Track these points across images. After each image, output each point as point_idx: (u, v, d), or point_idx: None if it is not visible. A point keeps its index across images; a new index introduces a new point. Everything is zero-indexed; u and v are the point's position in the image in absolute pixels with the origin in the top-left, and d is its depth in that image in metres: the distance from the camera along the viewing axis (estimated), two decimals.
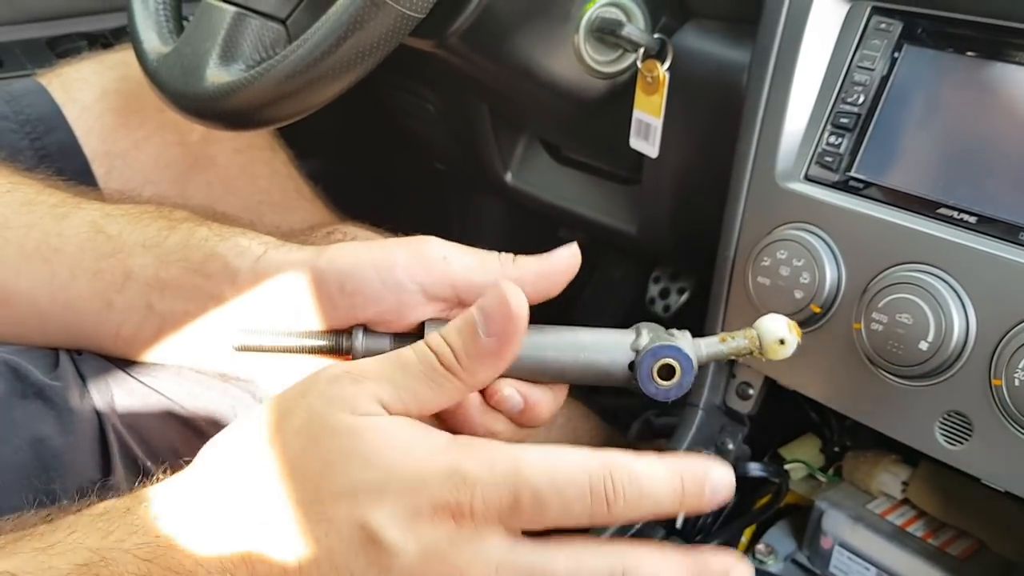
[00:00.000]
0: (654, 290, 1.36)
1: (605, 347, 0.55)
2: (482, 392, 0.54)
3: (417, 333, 0.58)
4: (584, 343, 0.55)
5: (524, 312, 0.47)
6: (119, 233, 0.65)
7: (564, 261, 0.57)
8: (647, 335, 0.56)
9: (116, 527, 0.46)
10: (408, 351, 0.48)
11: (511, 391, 0.54)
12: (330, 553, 0.44)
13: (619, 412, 1.16)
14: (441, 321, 0.56)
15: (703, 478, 0.46)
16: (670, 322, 1.32)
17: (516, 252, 0.58)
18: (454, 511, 0.43)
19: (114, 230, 0.65)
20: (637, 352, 0.55)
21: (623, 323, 0.57)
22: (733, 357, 0.57)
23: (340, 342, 0.57)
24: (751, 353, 0.57)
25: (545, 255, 0.57)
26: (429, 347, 0.48)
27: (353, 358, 0.57)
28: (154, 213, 0.67)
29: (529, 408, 0.54)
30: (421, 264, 0.55)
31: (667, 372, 0.54)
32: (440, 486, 0.43)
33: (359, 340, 0.57)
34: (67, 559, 0.44)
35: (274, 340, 0.56)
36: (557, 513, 0.44)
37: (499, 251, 0.59)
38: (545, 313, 0.56)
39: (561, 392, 0.57)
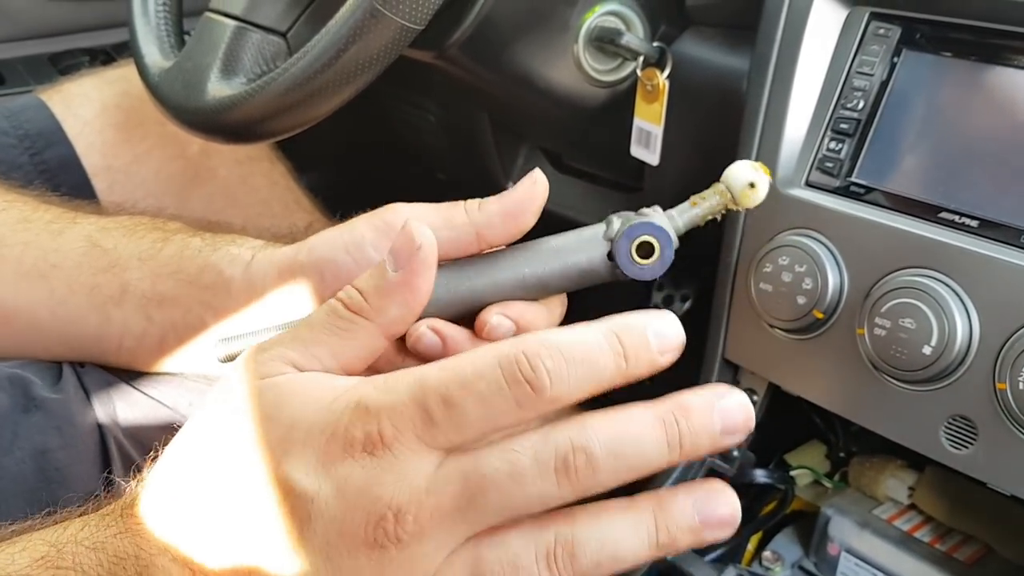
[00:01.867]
0: (657, 297, 1.35)
1: (579, 246, 0.54)
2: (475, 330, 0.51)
3: None
4: (557, 247, 0.54)
5: (430, 244, 0.46)
6: (114, 247, 0.65)
7: (526, 191, 0.53)
8: (618, 221, 0.54)
9: (72, 524, 0.47)
10: (317, 309, 0.47)
11: (499, 319, 0.50)
12: (260, 517, 0.42)
13: None
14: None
15: (642, 327, 0.41)
16: None
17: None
18: (365, 443, 0.40)
19: (109, 244, 0.66)
20: (612, 241, 0.53)
21: None
22: (711, 217, 0.55)
23: None
24: (727, 209, 0.54)
25: (508, 191, 0.54)
26: (336, 297, 0.46)
27: None
28: (148, 225, 0.67)
29: (525, 327, 0.51)
30: (387, 236, 0.54)
31: (647, 251, 0.52)
32: (346, 423, 0.41)
33: None
34: (28, 555, 0.45)
35: (256, 339, 0.53)
36: (478, 414, 0.40)
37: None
38: None
39: (556, 305, 0.54)
